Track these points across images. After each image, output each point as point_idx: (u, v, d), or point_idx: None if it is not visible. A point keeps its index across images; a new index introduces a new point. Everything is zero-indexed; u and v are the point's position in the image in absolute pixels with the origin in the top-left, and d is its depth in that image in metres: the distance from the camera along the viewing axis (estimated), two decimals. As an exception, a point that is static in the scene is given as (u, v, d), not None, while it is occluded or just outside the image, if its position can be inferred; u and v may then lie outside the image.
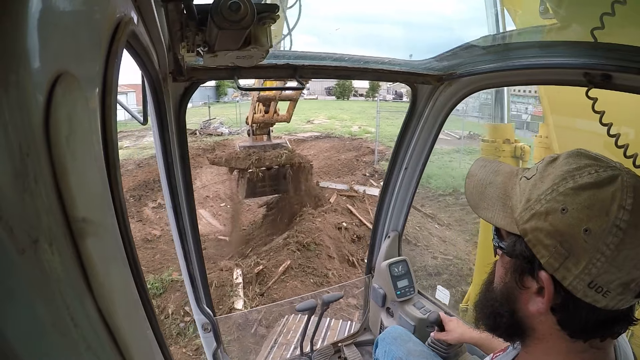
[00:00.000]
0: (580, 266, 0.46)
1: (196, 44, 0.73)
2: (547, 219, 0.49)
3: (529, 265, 0.52)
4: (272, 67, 1.17)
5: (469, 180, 0.65)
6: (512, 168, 0.63)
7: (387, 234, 1.91)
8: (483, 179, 0.62)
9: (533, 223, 0.50)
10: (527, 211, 0.51)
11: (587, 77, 0.91)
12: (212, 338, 1.59)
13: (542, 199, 0.50)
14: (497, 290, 0.60)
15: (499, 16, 2.23)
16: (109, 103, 0.35)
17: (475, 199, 0.61)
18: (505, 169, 0.62)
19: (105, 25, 0.35)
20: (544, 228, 0.49)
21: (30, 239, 0.20)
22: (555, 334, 0.53)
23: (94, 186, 0.31)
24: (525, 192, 0.53)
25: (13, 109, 0.19)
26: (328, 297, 1.85)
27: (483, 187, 0.61)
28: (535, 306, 0.53)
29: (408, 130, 1.68)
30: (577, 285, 0.47)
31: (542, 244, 0.49)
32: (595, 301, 0.47)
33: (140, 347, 0.40)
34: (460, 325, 1.32)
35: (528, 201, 0.52)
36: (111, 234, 0.35)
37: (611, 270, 0.45)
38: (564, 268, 0.47)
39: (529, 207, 0.51)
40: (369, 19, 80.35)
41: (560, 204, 0.48)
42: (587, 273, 0.46)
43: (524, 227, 0.52)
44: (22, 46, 0.20)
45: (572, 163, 0.50)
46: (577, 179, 0.48)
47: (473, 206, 0.62)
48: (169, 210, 1.30)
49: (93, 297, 0.27)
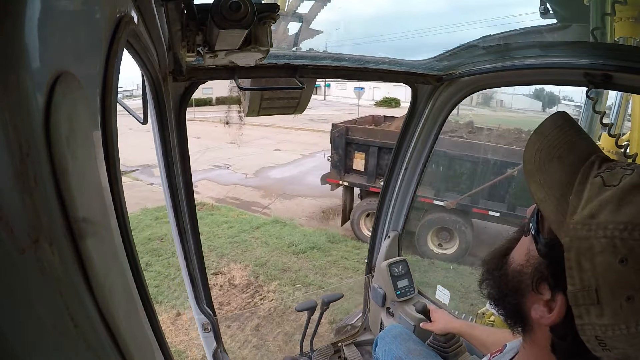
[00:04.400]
0: (601, 321, 0.42)
1: (196, 43, 0.73)
2: (601, 255, 0.41)
3: (553, 279, 0.47)
4: (272, 67, 1.17)
5: (535, 137, 0.52)
6: (592, 148, 0.51)
7: (387, 234, 1.91)
8: (553, 147, 0.50)
9: (584, 246, 0.42)
10: (585, 228, 0.43)
11: (587, 77, 0.91)
12: (212, 338, 1.59)
13: (608, 229, 0.41)
14: (509, 269, 0.55)
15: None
16: (109, 103, 0.35)
17: (533, 167, 0.50)
18: (582, 147, 0.50)
19: (105, 25, 0.35)
20: (592, 261, 0.42)
21: (30, 239, 0.20)
22: (547, 349, 0.51)
23: (94, 186, 0.31)
24: (593, 202, 0.43)
25: (13, 109, 0.19)
26: (328, 297, 1.85)
27: (549, 159, 0.50)
28: (537, 314, 0.50)
29: (408, 130, 1.68)
30: (587, 331, 0.43)
31: (580, 275, 0.43)
32: (593, 349, 0.44)
33: (140, 347, 0.40)
34: (445, 316, 1.36)
35: (592, 217, 0.42)
36: (111, 234, 0.35)
37: (624, 342, 0.42)
38: (585, 310, 0.43)
39: (589, 225, 0.42)
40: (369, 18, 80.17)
41: (624, 252, 0.40)
42: (603, 331, 0.42)
43: (571, 242, 0.43)
44: (22, 46, 0.20)
45: None
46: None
47: (527, 173, 0.51)
48: (169, 210, 1.30)
49: (93, 297, 0.27)
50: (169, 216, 1.32)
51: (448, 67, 1.41)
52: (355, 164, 5.89)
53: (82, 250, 0.26)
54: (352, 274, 4.88)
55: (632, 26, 1.18)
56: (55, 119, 0.23)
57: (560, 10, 1.15)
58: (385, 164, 5.48)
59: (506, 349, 0.69)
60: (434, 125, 1.63)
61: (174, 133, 1.14)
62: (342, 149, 5.82)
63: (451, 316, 1.36)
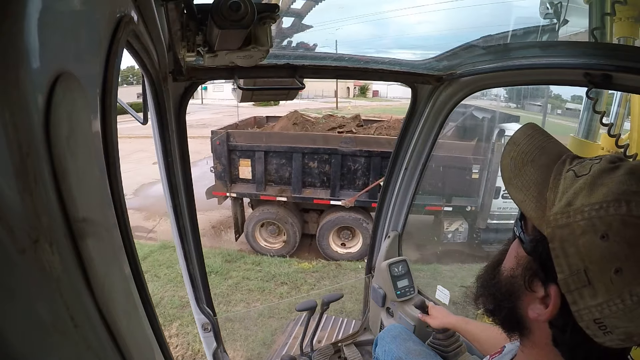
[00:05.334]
0: (595, 301, 0.43)
1: (196, 43, 0.73)
2: (583, 237, 0.43)
3: (543, 272, 0.49)
4: (272, 67, 1.17)
5: (509, 148, 0.56)
6: (562, 149, 0.55)
7: (387, 234, 1.91)
8: (525, 153, 0.54)
9: (565, 233, 0.45)
10: (564, 216, 0.45)
11: (587, 77, 0.91)
12: (212, 338, 1.59)
13: (585, 212, 0.43)
14: (502, 277, 0.55)
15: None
16: (109, 103, 0.35)
17: (510, 173, 0.54)
18: (553, 149, 0.54)
19: (105, 25, 0.35)
20: (576, 245, 0.44)
21: (30, 239, 0.20)
22: (549, 346, 0.51)
23: (94, 186, 0.31)
24: (569, 192, 0.46)
25: (13, 109, 0.19)
26: (328, 297, 1.85)
27: (523, 163, 0.53)
28: (534, 312, 0.50)
29: (408, 130, 1.68)
30: (584, 316, 0.44)
31: (567, 260, 0.45)
32: (594, 335, 0.45)
33: (140, 347, 0.40)
34: (442, 312, 1.38)
35: (568, 205, 0.45)
36: (111, 234, 0.35)
37: (623, 318, 0.42)
38: (579, 294, 0.44)
39: (568, 213, 0.45)
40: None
41: (603, 229, 0.42)
42: (599, 310, 0.43)
43: (554, 231, 0.46)
44: (22, 46, 0.20)
45: (633, 184, 0.43)
46: (633, 207, 0.41)
47: (505, 180, 0.55)
48: (169, 210, 1.30)
49: (93, 297, 0.27)
50: (169, 216, 1.32)
51: (448, 67, 1.41)
52: (241, 173, 5.42)
53: (82, 250, 0.26)
54: (259, 296, 4.47)
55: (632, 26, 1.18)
56: (55, 119, 0.23)
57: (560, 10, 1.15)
58: (273, 169, 5.26)
59: (505, 350, 0.69)
60: (434, 125, 1.63)
61: (174, 133, 1.14)
62: (226, 157, 5.31)
63: (448, 312, 1.38)
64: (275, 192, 5.36)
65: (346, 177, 5.20)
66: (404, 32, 3.42)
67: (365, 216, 5.32)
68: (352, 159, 5.10)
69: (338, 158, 5.09)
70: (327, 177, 5.21)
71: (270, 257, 5.45)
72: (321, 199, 5.25)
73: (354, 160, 5.11)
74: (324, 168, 5.21)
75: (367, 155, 5.04)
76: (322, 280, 4.88)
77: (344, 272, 5.10)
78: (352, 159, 5.09)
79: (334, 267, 5.20)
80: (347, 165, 5.14)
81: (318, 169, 5.22)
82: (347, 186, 5.22)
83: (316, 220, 5.64)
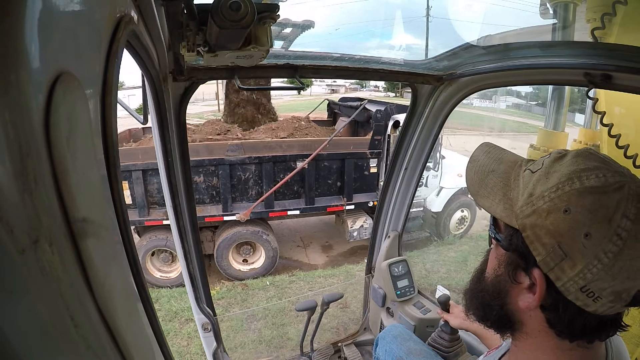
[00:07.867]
0: (575, 269, 0.46)
1: (196, 43, 0.73)
2: (549, 217, 0.48)
3: (524, 260, 0.52)
4: (272, 67, 1.17)
5: (470, 165, 0.63)
6: (517, 157, 0.61)
7: (387, 234, 1.91)
8: (485, 166, 0.61)
9: (533, 219, 0.50)
10: (529, 206, 0.51)
11: (587, 77, 0.91)
12: (212, 338, 1.59)
13: (545, 196, 0.49)
14: (488, 281, 0.60)
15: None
16: (109, 103, 0.35)
17: (476, 186, 0.60)
18: (509, 158, 0.61)
19: (105, 25, 0.35)
20: (544, 226, 0.48)
21: (30, 239, 0.20)
22: (544, 330, 0.53)
23: (94, 186, 0.31)
24: (529, 186, 0.52)
25: (13, 109, 0.19)
26: (328, 297, 1.85)
27: (484, 175, 0.60)
28: (525, 302, 0.53)
29: (408, 131, 1.69)
30: (570, 288, 0.47)
31: (540, 242, 0.49)
32: (585, 305, 0.47)
33: (140, 347, 0.40)
34: (463, 313, 1.35)
35: (530, 196, 0.51)
36: (111, 234, 0.35)
37: (605, 278, 0.45)
38: (559, 269, 0.47)
39: (531, 202, 0.50)
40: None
41: (564, 204, 0.47)
42: (582, 277, 0.46)
43: (523, 221, 0.51)
44: (22, 46, 0.20)
45: (581, 163, 0.49)
46: (584, 180, 0.47)
47: (473, 193, 0.61)
48: (169, 210, 1.31)
49: (93, 297, 0.27)
50: (169, 216, 1.32)
51: (448, 67, 1.42)
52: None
53: (82, 250, 0.26)
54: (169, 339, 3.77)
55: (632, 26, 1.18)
56: (55, 119, 0.23)
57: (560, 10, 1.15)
58: (155, 188, 4.32)
59: (502, 345, 0.70)
60: (434, 125, 1.63)
61: (174, 133, 1.14)
62: (98, 181, 4.54)
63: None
64: (161, 216, 4.46)
65: (237, 188, 4.58)
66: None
67: (264, 227, 4.77)
68: (241, 168, 4.50)
69: (226, 169, 4.42)
70: (216, 190, 4.51)
71: (170, 289, 4.58)
72: (212, 216, 4.55)
73: (243, 169, 4.51)
74: (211, 181, 4.50)
75: (258, 162, 4.50)
76: (231, 308, 4.21)
77: (253, 294, 4.45)
78: (242, 167, 4.50)
79: (241, 290, 4.55)
80: (236, 175, 4.52)
81: (205, 183, 4.48)
82: (240, 198, 4.61)
83: (211, 238, 4.90)
